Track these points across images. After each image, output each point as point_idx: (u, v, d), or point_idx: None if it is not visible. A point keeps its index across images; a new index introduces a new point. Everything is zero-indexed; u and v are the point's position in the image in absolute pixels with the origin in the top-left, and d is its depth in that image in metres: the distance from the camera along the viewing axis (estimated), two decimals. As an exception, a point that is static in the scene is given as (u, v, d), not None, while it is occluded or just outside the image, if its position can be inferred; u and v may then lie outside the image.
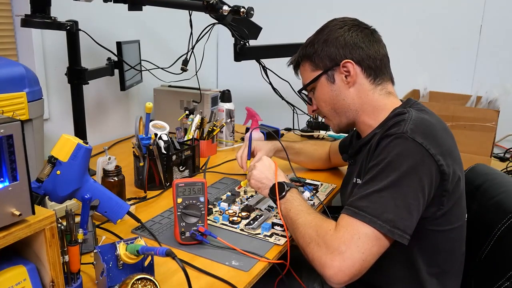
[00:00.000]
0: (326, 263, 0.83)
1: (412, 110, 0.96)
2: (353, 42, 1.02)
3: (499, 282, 0.91)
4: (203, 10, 1.34)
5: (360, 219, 0.83)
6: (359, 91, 1.03)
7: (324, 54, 1.04)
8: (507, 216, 0.95)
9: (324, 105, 1.09)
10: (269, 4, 2.26)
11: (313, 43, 1.06)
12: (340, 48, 1.02)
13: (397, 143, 0.87)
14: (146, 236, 1.02)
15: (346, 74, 1.02)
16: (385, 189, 0.85)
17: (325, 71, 1.04)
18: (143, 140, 1.28)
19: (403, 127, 0.89)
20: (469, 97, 1.76)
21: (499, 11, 1.82)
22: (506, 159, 1.74)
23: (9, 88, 1.01)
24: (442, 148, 0.88)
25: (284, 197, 1.03)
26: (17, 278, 0.66)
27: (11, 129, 0.61)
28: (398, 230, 0.82)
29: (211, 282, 0.87)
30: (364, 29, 1.04)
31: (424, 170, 0.85)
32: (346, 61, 1.01)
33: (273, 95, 1.87)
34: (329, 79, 1.05)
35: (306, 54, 1.08)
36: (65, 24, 1.29)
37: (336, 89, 1.05)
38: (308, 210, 0.97)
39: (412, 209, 0.84)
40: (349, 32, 1.03)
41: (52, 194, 0.83)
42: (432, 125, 0.92)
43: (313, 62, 1.06)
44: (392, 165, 0.86)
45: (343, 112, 1.06)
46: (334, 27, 1.05)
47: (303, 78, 1.12)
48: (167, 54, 2.02)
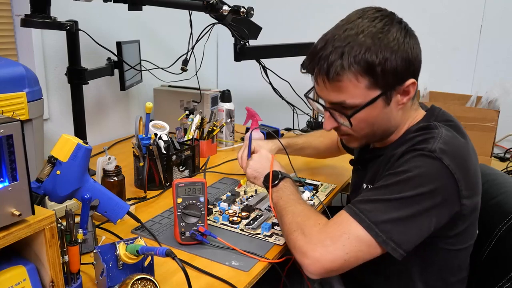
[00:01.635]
0: (307, 252, 0.81)
1: (441, 126, 0.87)
2: (416, 55, 0.87)
3: (500, 283, 0.91)
4: (203, 10, 1.34)
5: (358, 221, 0.80)
6: (404, 110, 0.91)
7: (390, 69, 0.83)
8: (507, 216, 0.95)
9: (364, 127, 0.90)
10: (269, 4, 2.26)
11: (375, 52, 0.82)
12: (407, 62, 0.84)
13: (422, 161, 0.81)
14: (146, 236, 1.02)
15: (404, 94, 0.88)
16: (394, 200, 0.80)
17: (385, 91, 0.85)
18: (143, 140, 1.28)
19: (432, 144, 0.82)
20: (469, 97, 1.76)
21: (499, 11, 1.82)
22: (506, 159, 1.73)
23: (9, 88, 1.01)
24: (469, 172, 0.83)
25: (277, 185, 1.01)
26: (17, 278, 0.66)
27: (11, 129, 0.60)
28: (392, 243, 0.79)
29: (211, 282, 0.87)
30: (413, 32, 0.89)
31: (443, 195, 0.80)
32: (412, 81, 0.86)
33: (273, 95, 1.87)
34: (386, 101, 0.87)
35: (367, 66, 0.82)
36: (65, 24, 1.29)
37: (387, 112, 0.88)
38: (299, 200, 0.96)
39: (414, 227, 0.80)
40: (410, 40, 0.86)
41: (52, 194, 0.83)
42: (462, 146, 0.85)
43: (372, 77, 0.83)
44: (410, 181, 0.80)
45: (381, 133, 0.93)
46: (398, 32, 0.84)
47: (345, 93, 0.85)
48: (167, 54, 2.02)
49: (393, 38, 0.83)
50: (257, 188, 1.32)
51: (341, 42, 0.84)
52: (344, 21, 0.88)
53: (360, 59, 0.82)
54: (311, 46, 0.97)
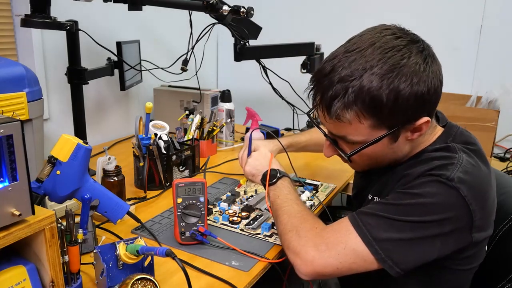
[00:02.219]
0: (300, 253, 0.81)
1: (461, 150, 0.82)
2: (435, 89, 0.78)
3: (500, 284, 0.91)
4: (203, 10, 1.34)
5: (359, 234, 0.78)
6: (415, 141, 0.86)
7: (400, 109, 0.76)
8: (508, 217, 0.95)
9: (366, 159, 0.87)
10: (269, 4, 2.26)
11: (383, 91, 0.74)
12: (421, 100, 0.76)
13: (438, 188, 0.77)
14: (146, 236, 1.02)
15: (415, 132, 0.82)
16: (401, 222, 0.77)
17: (392, 131, 0.80)
18: (143, 140, 1.28)
19: (451, 172, 0.77)
20: (469, 97, 1.76)
21: (499, 11, 1.82)
22: (506, 159, 1.73)
23: (9, 88, 1.01)
24: (487, 204, 0.80)
25: (275, 184, 1.01)
26: (17, 278, 0.66)
27: (11, 129, 0.60)
28: (390, 261, 0.77)
29: (211, 282, 0.87)
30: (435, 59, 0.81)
31: (454, 225, 0.77)
32: (426, 120, 0.79)
33: (273, 95, 1.87)
34: (393, 138, 0.81)
35: (369, 104, 0.75)
36: (65, 24, 1.29)
37: (394, 147, 0.83)
38: (296, 200, 0.95)
39: (417, 251, 0.77)
40: (429, 72, 0.77)
41: (52, 194, 0.83)
42: (483, 177, 0.81)
43: (377, 118, 0.77)
44: (422, 207, 0.76)
45: (386, 164, 0.89)
46: (415, 66, 0.75)
47: (347, 129, 0.81)
48: (167, 54, 2.02)
49: (409, 72, 0.75)
50: (257, 188, 1.32)
51: (348, 76, 0.76)
52: (355, 46, 0.79)
53: (365, 96, 0.75)
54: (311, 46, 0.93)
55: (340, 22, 2.10)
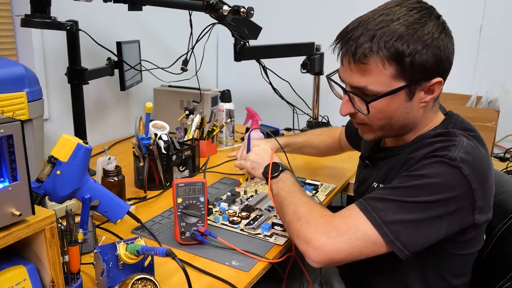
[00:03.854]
0: (311, 240, 0.81)
1: (461, 134, 0.85)
2: (448, 54, 0.83)
3: (500, 282, 0.91)
4: (203, 10, 1.34)
5: (368, 218, 0.80)
6: (426, 109, 0.89)
7: (419, 63, 0.80)
8: (507, 216, 0.95)
9: (382, 118, 0.87)
10: (269, 4, 2.26)
11: (407, 41, 0.79)
12: (438, 59, 0.81)
13: (441, 168, 0.79)
14: (146, 236, 1.02)
15: (429, 94, 0.85)
16: (408, 203, 0.79)
17: (409, 84, 0.82)
18: (143, 140, 1.28)
19: (453, 153, 0.80)
20: (469, 97, 1.76)
21: (499, 11, 1.82)
22: (506, 159, 1.73)
23: (9, 88, 1.01)
24: (487, 184, 0.82)
25: (277, 177, 1.01)
26: (17, 278, 0.66)
27: (11, 129, 0.60)
28: (399, 243, 0.78)
29: (211, 282, 0.87)
30: (450, 32, 0.86)
31: (458, 204, 0.79)
32: (439, 80, 0.83)
33: (273, 95, 1.87)
34: (409, 94, 0.84)
35: (396, 54, 0.79)
36: (65, 24, 1.29)
37: (408, 106, 0.85)
38: (302, 191, 0.95)
39: (424, 232, 0.79)
40: (445, 38, 0.82)
41: (52, 194, 0.83)
42: (482, 158, 0.83)
43: (400, 67, 0.80)
44: (427, 187, 0.79)
45: (398, 128, 0.90)
46: (434, 27, 0.81)
47: (369, 78, 0.83)
48: (167, 54, 2.02)
49: (428, 31, 0.80)
50: (257, 188, 1.32)
51: (374, 26, 0.81)
52: (382, 7, 0.85)
53: (391, 45, 0.79)
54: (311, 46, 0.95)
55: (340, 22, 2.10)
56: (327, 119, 1.99)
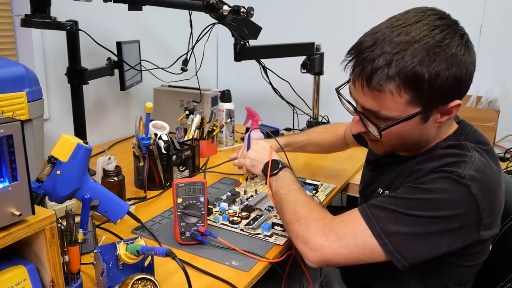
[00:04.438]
0: (310, 241, 0.82)
1: (473, 149, 0.82)
2: (470, 74, 0.80)
3: (500, 284, 0.91)
4: (203, 10, 1.34)
5: (369, 226, 0.79)
6: (440, 127, 0.86)
7: (439, 88, 0.75)
8: (508, 217, 0.95)
9: (394, 139, 0.85)
10: (269, 4, 2.26)
11: (427, 66, 0.74)
12: (459, 82, 0.77)
13: (449, 184, 0.77)
14: (146, 236, 1.02)
15: (445, 115, 0.82)
16: (411, 216, 0.78)
17: (425, 110, 0.79)
18: (143, 140, 1.28)
19: (463, 170, 0.77)
20: (469, 97, 1.76)
21: (499, 11, 1.82)
22: (506, 159, 1.73)
23: (9, 88, 1.01)
24: (495, 203, 0.80)
25: (277, 174, 1.01)
26: (17, 278, 0.66)
27: (11, 129, 0.60)
28: (398, 254, 0.78)
29: (211, 282, 0.87)
30: (473, 47, 0.82)
31: (463, 222, 0.77)
32: (458, 103, 0.79)
33: (273, 95, 1.87)
34: (424, 118, 0.80)
35: (411, 79, 0.75)
36: (65, 24, 1.29)
37: (423, 128, 0.82)
38: (301, 190, 0.95)
39: (425, 245, 0.78)
40: (468, 57, 0.78)
41: (52, 194, 0.83)
42: (494, 176, 0.81)
43: (418, 93, 0.76)
44: (432, 203, 0.77)
45: (410, 146, 0.88)
46: (457, 48, 0.76)
47: (382, 102, 0.79)
48: (167, 54, 2.02)
49: (451, 54, 0.75)
50: (257, 188, 1.32)
51: (392, 48, 0.75)
52: (400, 21, 0.79)
53: (409, 71, 0.74)
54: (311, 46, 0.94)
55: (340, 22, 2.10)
56: (327, 119, 1.99)
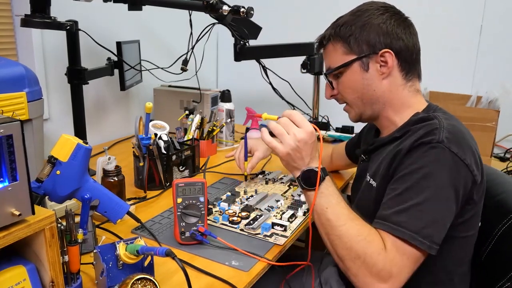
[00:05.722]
0: (374, 285, 0.81)
1: (440, 116, 0.91)
2: (395, 32, 0.95)
3: (500, 283, 0.91)
4: (203, 10, 1.34)
5: (401, 236, 0.81)
6: (391, 84, 0.97)
7: (362, 39, 0.95)
8: (507, 216, 0.95)
9: (350, 92, 1.00)
10: (269, 4, 2.26)
11: (349, 24, 0.97)
12: (382, 35, 0.94)
13: (434, 153, 0.84)
14: (146, 236, 1.02)
15: (382, 64, 0.95)
16: (424, 203, 0.82)
17: (360, 57, 0.96)
18: (143, 140, 1.28)
19: (438, 135, 0.85)
20: (469, 97, 1.76)
21: (499, 11, 1.82)
22: (506, 159, 1.73)
23: (9, 88, 1.01)
24: (475, 157, 0.87)
25: (319, 189, 0.90)
26: (17, 278, 0.66)
27: (11, 129, 0.60)
28: (435, 245, 0.81)
29: (211, 282, 0.87)
30: (405, 20, 0.99)
31: (460, 181, 0.84)
32: (386, 50, 0.94)
33: (273, 95, 1.87)
34: (363, 67, 0.97)
35: (340, 34, 0.98)
36: (65, 24, 1.29)
37: (368, 78, 0.97)
38: (349, 214, 0.88)
39: (446, 222, 0.84)
40: (391, 20, 0.95)
41: (52, 194, 0.83)
42: (463, 133, 0.89)
43: (347, 44, 0.97)
44: (429, 176, 0.83)
45: (370, 103, 0.99)
46: (376, 12, 0.97)
47: (331, 59, 1.02)
48: (167, 54, 2.02)
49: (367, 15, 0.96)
50: (257, 188, 1.32)
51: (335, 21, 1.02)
52: None
53: (338, 30, 0.98)
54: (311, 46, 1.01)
55: (340, 22, 2.10)
56: (327, 119, 1.99)
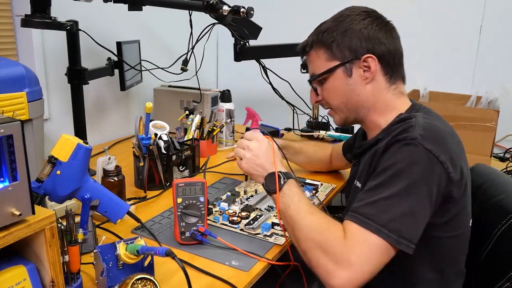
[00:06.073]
0: (334, 273, 0.79)
1: (419, 115, 0.93)
2: (377, 37, 0.97)
3: (499, 283, 0.91)
4: (203, 10, 1.34)
5: (367, 228, 0.80)
6: (375, 88, 0.99)
7: (344, 45, 0.97)
8: (507, 216, 0.95)
9: (334, 98, 1.02)
10: (269, 4, 2.26)
11: (332, 31, 0.98)
12: (364, 40, 0.96)
13: (407, 150, 0.84)
14: (146, 236, 1.02)
15: (365, 69, 0.97)
16: (393, 196, 0.82)
17: (343, 63, 0.98)
18: (143, 140, 1.28)
19: (412, 133, 0.86)
20: (469, 97, 1.76)
21: (499, 11, 1.82)
22: (506, 159, 1.74)
23: (9, 88, 1.01)
24: (451, 154, 0.86)
25: (281, 190, 0.95)
26: (17, 278, 0.66)
27: (11, 129, 0.61)
28: (404, 240, 0.80)
29: (211, 282, 0.87)
30: (386, 24, 1.00)
31: (433, 178, 0.83)
32: (368, 55, 0.96)
33: (273, 95, 1.87)
34: (346, 72, 0.98)
35: (322, 41, 0.99)
36: (65, 24, 1.29)
37: (351, 84, 0.99)
38: (310, 209, 0.91)
39: (418, 218, 0.82)
40: (372, 25, 0.97)
41: (52, 194, 0.83)
42: (440, 131, 0.90)
43: (330, 51, 0.99)
44: (401, 172, 0.83)
45: (355, 108, 1.01)
46: (357, 17, 0.98)
47: (314, 66, 1.03)
48: (167, 54, 2.02)
49: (348, 21, 0.98)
50: (257, 188, 1.32)
51: (317, 27, 1.04)
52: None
53: (320, 37, 1.00)
54: None
55: (340, 22, 2.10)
56: (327, 119, 1.99)
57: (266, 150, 1.04)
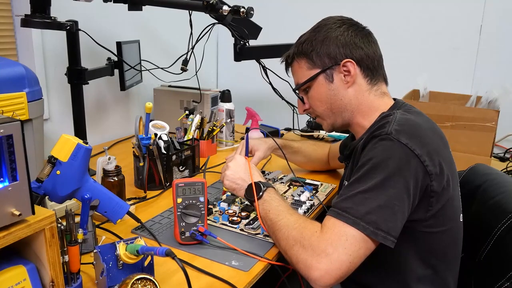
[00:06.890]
0: (312, 265, 0.81)
1: (398, 111, 0.96)
2: (354, 42, 1.01)
3: (499, 283, 0.91)
4: (203, 10, 1.34)
5: (344, 221, 0.82)
6: (357, 91, 1.02)
7: (323, 52, 1.02)
8: (507, 216, 0.95)
9: (319, 105, 1.07)
10: (269, 4, 2.26)
11: (310, 41, 1.04)
12: (341, 47, 1.01)
13: (382, 145, 0.87)
14: (146, 236, 1.02)
15: (345, 73, 1.01)
16: (370, 190, 0.83)
17: (324, 70, 1.03)
18: (143, 140, 1.28)
19: (387, 128, 0.88)
20: (469, 97, 1.76)
21: (499, 11, 1.82)
22: (506, 159, 1.74)
23: (9, 88, 1.01)
24: (428, 148, 0.87)
25: (261, 197, 1.01)
26: (17, 278, 0.66)
27: (11, 129, 0.61)
28: (381, 232, 0.81)
29: (211, 282, 0.87)
30: (362, 29, 1.04)
31: (410, 171, 0.84)
32: (347, 60, 1.00)
33: (273, 95, 1.87)
34: (328, 78, 1.03)
35: (303, 51, 1.05)
36: (65, 24, 1.29)
37: (334, 89, 1.03)
38: (288, 210, 0.95)
39: (396, 211, 0.83)
40: (348, 32, 1.02)
41: (52, 194, 0.83)
42: (417, 125, 0.91)
43: (310, 60, 1.04)
44: (377, 166, 0.85)
45: (339, 112, 1.05)
46: (333, 26, 1.03)
47: (297, 76, 1.09)
48: (167, 54, 2.02)
49: (325, 30, 1.03)
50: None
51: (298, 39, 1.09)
52: None
53: (300, 48, 1.05)
54: None
55: (340, 22, 2.10)
56: (327, 119, 1.99)
57: (244, 165, 1.11)
